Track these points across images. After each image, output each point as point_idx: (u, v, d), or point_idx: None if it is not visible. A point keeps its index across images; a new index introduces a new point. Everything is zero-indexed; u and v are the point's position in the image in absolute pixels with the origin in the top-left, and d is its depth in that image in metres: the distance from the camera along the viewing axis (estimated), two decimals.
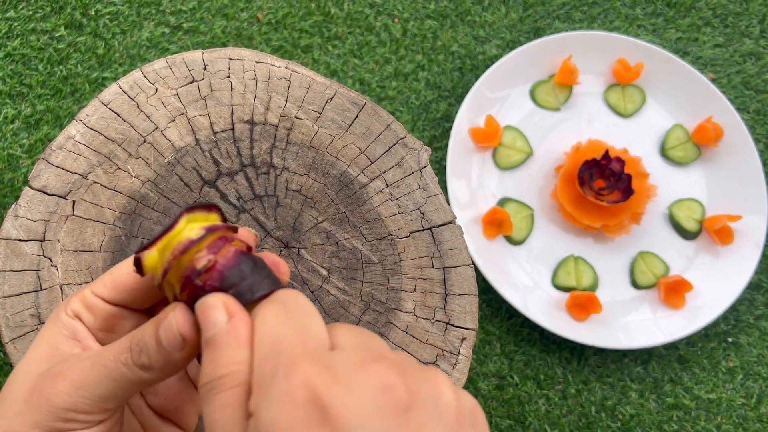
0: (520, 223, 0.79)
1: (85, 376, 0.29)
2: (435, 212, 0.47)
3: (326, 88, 0.48)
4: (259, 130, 0.47)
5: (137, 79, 0.46)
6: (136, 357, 0.29)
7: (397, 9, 0.85)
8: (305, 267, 0.45)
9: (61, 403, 0.28)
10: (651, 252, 0.79)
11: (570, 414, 0.75)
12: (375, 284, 0.46)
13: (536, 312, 0.74)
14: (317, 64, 0.81)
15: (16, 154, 0.74)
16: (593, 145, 0.79)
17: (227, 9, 0.82)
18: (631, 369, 0.77)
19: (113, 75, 0.78)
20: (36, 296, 0.42)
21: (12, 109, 0.75)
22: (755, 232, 0.78)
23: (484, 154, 0.81)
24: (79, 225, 0.43)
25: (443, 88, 0.83)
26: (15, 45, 0.77)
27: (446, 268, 0.47)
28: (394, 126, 0.48)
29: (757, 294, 0.80)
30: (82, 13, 0.79)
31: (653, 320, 0.76)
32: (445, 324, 0.46)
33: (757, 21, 0.89)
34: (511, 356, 0.76)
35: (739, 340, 0.79)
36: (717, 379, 0.77)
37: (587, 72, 0.84)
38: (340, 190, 0.47)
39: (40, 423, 0.28)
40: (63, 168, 0.44)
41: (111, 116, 0.45)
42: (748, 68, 0.87)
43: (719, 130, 0.81)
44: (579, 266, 0.78)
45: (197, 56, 0.47)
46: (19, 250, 0.42)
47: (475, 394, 0.74)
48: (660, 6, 0.89)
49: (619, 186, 0.76)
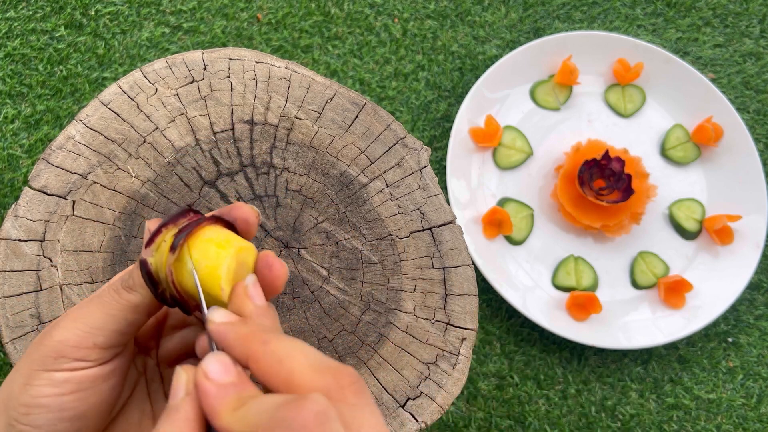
0: (520, 223, 0.79)
1: (81, 310, 0.31)
2: (435, 212, 0.47)
3: (326, 88, 0.48)
4: (259, 130, 0.47)
5: (137, 79, 0.46)
6: (125, 281, 0.31)
7: (397, 9, 0.85)
8: (305, 267, 0.45)
9: (57, 335, 0.30)
10: (651, 252, 0.79)
11: (570, 414, 0.75)
12: (375, 284, 0.46)
13: (536, 312, 0.74)
14: (317, 64, 0.81)
15: (16, 154, 0.74)
16: (593, 145, 0.79)
17: (227, 9, 0.82)
18: (631, 369, 0.77)
19: (113, 75, 0.78)
20: (36, 296, 0.42)
21: (12, 109, 0.75)
22: (755, 232, 0.78)
23: (484, 154, 0.81)
24: (79, 225, 0.43)
25: (443, 88, 0.83)
26: (15, 45, 0.77)
27: (446, 268, 0.47)
28: (394, 126, 0.48)
29: (757, 294, 0.80)
30: (82, 13, 0.79)
31: (653, 320, 0.76)
32: (445, 324, 0.46)
33: (757, 21, 0.89)
34: (511, 356, 0.76)
35: (739, 340, 0.79)
36: (717, 379, 0.77)
37: (587, 72, 0.84)
38: (340, 190, 0.47)
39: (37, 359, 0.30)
40: (63, 168, 0.44)
41: (111, 116, 0.45)
42: (748, 68, 0.87)
43: (719, 130, 0.81)
44: (579, 266, 0.78)
45: (197, 56, 0.47)
46: (19, 250, 0.42)
47: (475, 394, 0.74)
48: (660, 6, 0.89)
49: (619, 186, 0.76)
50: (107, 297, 0.31)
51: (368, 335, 0.45)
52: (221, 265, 0.30)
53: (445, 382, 0.44)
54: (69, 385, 0.30)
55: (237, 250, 0.31)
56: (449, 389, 0.44)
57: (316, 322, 0.44)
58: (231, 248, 0.30)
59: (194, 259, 0.30)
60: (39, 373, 0.30)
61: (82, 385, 0.30)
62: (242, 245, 0.31)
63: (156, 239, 0.31)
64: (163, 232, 0.31)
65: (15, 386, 0.30)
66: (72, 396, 0.30)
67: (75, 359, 0.30)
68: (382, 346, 0.45)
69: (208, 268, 0.30)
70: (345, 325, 0.45)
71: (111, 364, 0.31)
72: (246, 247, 0.31)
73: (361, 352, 0.44)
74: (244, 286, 0.30)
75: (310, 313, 0.44)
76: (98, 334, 0.30)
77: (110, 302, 0.31)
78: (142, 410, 0.34)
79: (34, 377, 0.30)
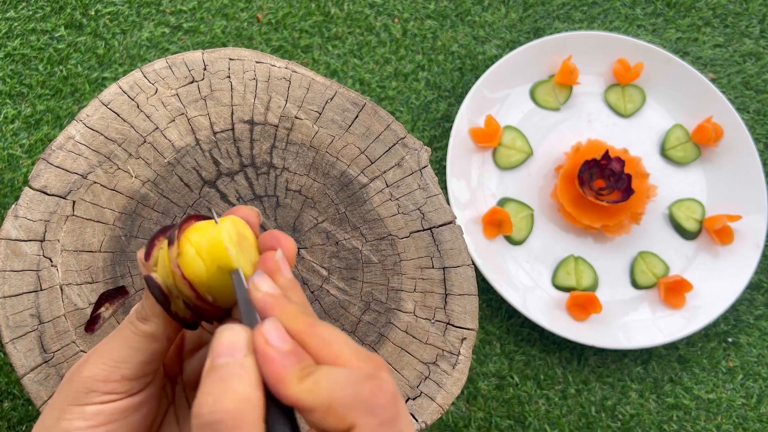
0: (520, 223, 0.79)
1: (105, 347, 0.31)
2: (435, 212, 0.47)
3: (326, 88, 0.48)
4: (259, 130, 0.47)
5: (137, 79, 0.46)
6: (138, 312, 0.31)
7: (397, 9, 0.85)
8: (305, 267, 0.45)
9: (86, 372, 0.31)
10: (651, 252, 0.79)
11: (570, 414, 0.75)
12: (375, 284, 0.46)
13: (536, 312, 0.74)
14: (317, 64, 0.81)
15: (16, 154, 0.74)
16: (593, 145, 0.79)
17: (227, 9, 0.82)
18: (631, 369, 0.77)
19: (113, 75, 0.78)
20: (36, 296, 0.42)
21: (12, 109, 0.75)
22: (755, 232, 0.78)
23: (484, 154, 0.81)
24: (79, 225, 0.43)
25: (443, 88, 0.83)
26: (15, 45, 0.77)
27: (446, 268, 0.47)
28: (394, 126, 0.48)
29: (757, 294, 0.80)
30: (82, 13, 0.79)
31: (653, 320, 0.76)
32: (445, 324, 0.46)
33: (757, 21, 0.89)
34: (511, 356, 0.76)
35: (739, 340, 0.79)
36: (717, 379, 0.77)
37: (587, 72, 0.84)
38: (340, 190, 0.47)
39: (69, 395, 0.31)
40: (63, 168, 0.44)
41: (111, 116, 0.45)
42: (748, 68, 0.87)
43: (719, 130, 0.81)
44: (579, 266, 0.78)
45: (197, 56, 0.47)
46: (19, 250, 0.42)
47: (475, 394, 0.74)
48: (660, 6, 0.89)
49: (619, 186, 0.76)
50: (126, 330, 0.31)
51: (368, 335, 0.45)
52: (222, 232, 0.30)
53: (445, 382, 0.44)
54: (100, 417, 0.30)
55: (232, 222, 0.31)
56: (449, 389, 0.44)
57: None
58: (226, 221, 0.31)
59: (193, 241, 0.30)
60: (71, 408, 0.30)
61: (113, 417, 0.31)
62: (237, 219, 0.31)
63: (152, 253, 0.31)
64: (156, 245, 0.31)
65: (48, 421, 0.31)
66: (103, 428, 0.30)
67: (105, 393, 0.31)
68: (382, 345, 0.45)
69: (210, 240, 0.30)
70: (345, 325, 0.45)
71: (140, 395, 0.32)
72: (241, 222, 0.32)
73: None
74: (275, 260, 0.30)
75: None
76: (124, 367, 0.31)
77: (129, 335, 0.31)
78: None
79: (66, 411, 0.30)
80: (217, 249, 0.30)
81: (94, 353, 0.31)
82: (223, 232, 0.30)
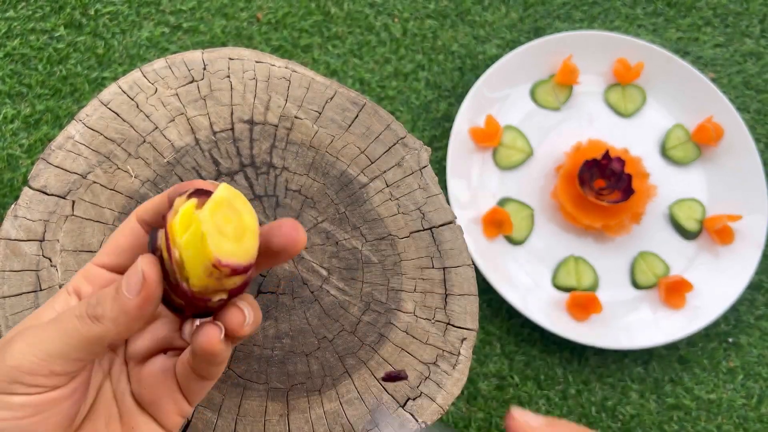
0: (521, 223, 0.79)
1: (39, 334, 0.28)
2: (435, 212, 0.47)
3: (326, 88, 0.48)
4: (259, 130, 0.47)
5: (137, 79, 0.46)
6: (91, 308, 0.28)
7: (397, 9, 0.85)
8: (305, 267, 0.45)
9: (10, 361, 0.27)
10: (651, 252, 0.79)
11: (570, 414, 0.75)
12: (375, 284, 0.46)
13: (536, 312, 0.74)
14: (317, 63, 0.81)
15: (15, 154, 0.74)
16: (593, 145, 0.79)
17: (227, 9, 0.81)
18: (631, 369, 0.77)
19: (113, 75, 0.78)
20: (36, 296, 0.42)
21: (11, 109, 0.75)
22: (755, 232, 0.78)
23: (484, 154, 0.81)
24: (79, 225, 0.43)
25: (443, 87, 0.83)
26: (15, 45, 0.77)
27: (446, 268, 0.46)
28: (394, 126, 0.48)
29: (758, 294, 0.80)
30: (82, 13, 0.79)
31: (653, 320, 0.76)
32: (445, 324, 0.46)
33: (758, 21, 0.89)
34: (511, 357, 0.76)
35: (739, 340, 0.79)
36: (717, 380, 0.77)
37: (587, 72, 0.84)
38: (340, 190, 0.47)
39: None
40: (62, 168, 0.44)
41: (111, 116, 0.45)
42: (748, 68, 0.87)
43: (719, 129, 0.81)
44: (579, 266, 0.78)
45: (197, 56, 0.47)
46: (19, 250, 0.42)
47: (475, 394, 0.74)
48: (660, 6, 0.89)
49: (620, 186, 0.76)
50: (69, 324, 0.28)
51: (368, 335, 0.45)
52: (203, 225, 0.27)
53: (445, 383, 0.44)
54: (27, 409, 0.27)
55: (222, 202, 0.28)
56: (449, 389, 0.44)
57: (316, 323, 0.44)
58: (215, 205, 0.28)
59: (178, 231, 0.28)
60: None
61: (41, 408, 0.28)
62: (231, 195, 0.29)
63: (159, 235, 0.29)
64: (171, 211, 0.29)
65: None
66: (31, 419, 0.28)
67: (30, 386, 0.27)
68: (382, 346, 0.44)
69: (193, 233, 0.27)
70: (345, 326, 0.45)
71: (72, 383, 0.29)
72: (238, 196, 0.29)
73: (361, 353, 0.44)
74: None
75: (310, 313, 0.44)
76: (56, 363, 0.27)
77: (72, 331, 0.27)
78: (109, 415, 0.32)
79: None
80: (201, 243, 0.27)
81: (23, 338, 0.28)
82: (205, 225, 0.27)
